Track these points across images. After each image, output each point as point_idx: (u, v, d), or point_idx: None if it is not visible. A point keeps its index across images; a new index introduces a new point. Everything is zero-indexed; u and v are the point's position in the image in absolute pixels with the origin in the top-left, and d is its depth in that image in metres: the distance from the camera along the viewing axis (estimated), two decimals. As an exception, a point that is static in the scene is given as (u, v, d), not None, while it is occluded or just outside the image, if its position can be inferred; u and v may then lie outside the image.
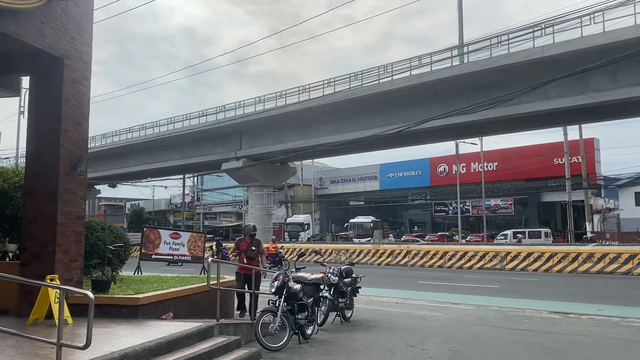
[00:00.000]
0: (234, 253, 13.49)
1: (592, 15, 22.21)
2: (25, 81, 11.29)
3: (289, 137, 37.08)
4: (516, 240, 38.45)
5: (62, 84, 7.91)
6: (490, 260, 24.73)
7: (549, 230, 43.15)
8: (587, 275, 21.22)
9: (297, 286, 8.30)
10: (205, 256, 17.10)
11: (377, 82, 30.36)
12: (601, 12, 21.72)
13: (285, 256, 26.12)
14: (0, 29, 6.81)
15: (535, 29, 23.99)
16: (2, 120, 67.16)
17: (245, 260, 9.49)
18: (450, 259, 26.23)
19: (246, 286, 9.22)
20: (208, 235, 30.67)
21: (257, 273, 9.37)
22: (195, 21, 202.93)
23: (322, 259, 11.00)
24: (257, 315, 7.70)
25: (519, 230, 42.73)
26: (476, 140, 43.37)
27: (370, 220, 52.62)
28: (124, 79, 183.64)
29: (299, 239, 51.09)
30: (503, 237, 42.44)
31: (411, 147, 40.72)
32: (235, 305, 9.79)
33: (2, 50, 7.67)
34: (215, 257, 22.88)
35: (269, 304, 7.96)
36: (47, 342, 4.54)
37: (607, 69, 22.89)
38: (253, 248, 9.58)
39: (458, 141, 43.27)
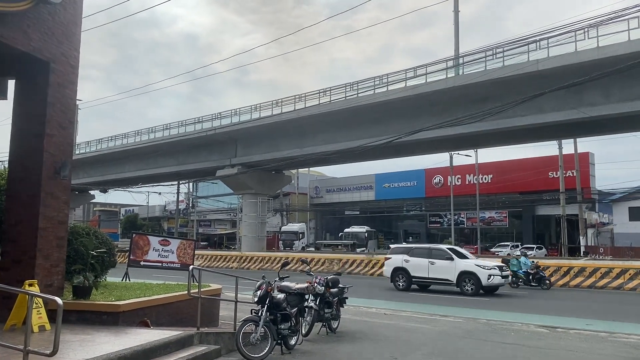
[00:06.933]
0: None
1: (586, 30, 22.27)
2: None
3: (284, 145, 37.06)
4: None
5: (47, 87, 7.87)
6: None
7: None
8: (578, 290, 21.16)
9: (281, 296, 8.22)
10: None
11: (372, 92, 30.41)
12: (595, 27, 21.79)
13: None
14: (-15, 31, 6.79)
15: (529, 42, 24.04)
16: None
17: None
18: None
19: None
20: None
21: None
22: (197, 29, 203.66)
23: (308, 268, 10.89)
24: (239, 324, 7.61)
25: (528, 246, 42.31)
26: (471, 152, 43.51)
27: (365, 230, 52.45)
28: (125, 85, 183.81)
29: (293, 248, 50.90)
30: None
31: (408, 158, 40.79)
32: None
33: (-13, 53, 7.63)
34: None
35: (251, 313, 7.87)
36: (14, 348, 4.46)
37: (601, 84, 23.01)
38: None
39: (452, 153, 43.38)
